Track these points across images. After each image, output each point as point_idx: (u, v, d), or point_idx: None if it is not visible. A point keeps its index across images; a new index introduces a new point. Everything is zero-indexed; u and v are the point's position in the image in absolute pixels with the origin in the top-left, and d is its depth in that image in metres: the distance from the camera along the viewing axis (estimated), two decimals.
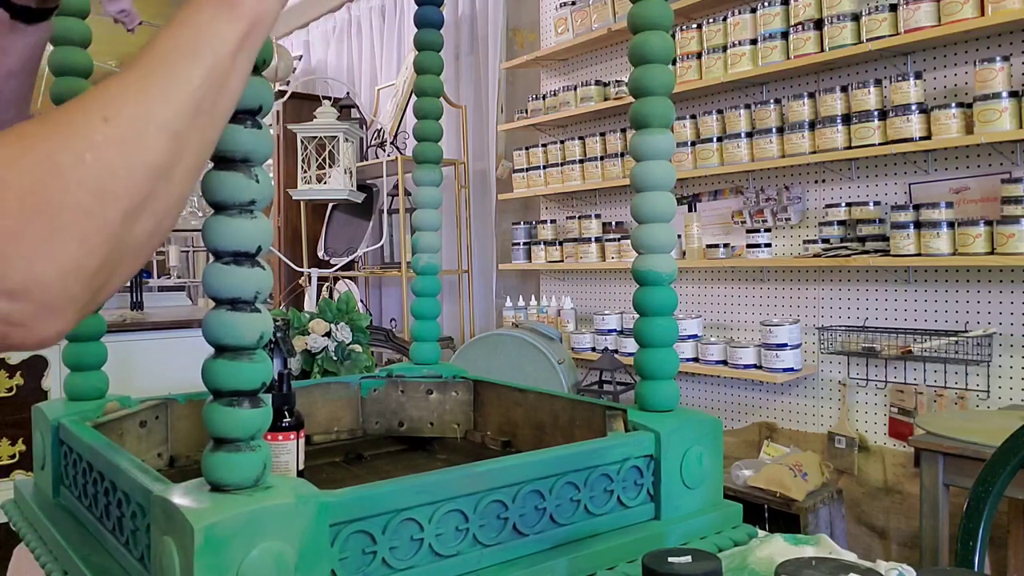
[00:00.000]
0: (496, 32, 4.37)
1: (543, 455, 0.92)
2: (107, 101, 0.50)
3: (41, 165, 0.46)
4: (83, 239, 0.47)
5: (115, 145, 0.49)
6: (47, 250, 0.45)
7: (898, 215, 2.66)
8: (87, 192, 0.47)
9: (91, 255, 0.47)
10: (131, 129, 0.50)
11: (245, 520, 0.68)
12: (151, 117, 0.51)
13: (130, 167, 0.49)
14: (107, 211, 0.48)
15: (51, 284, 0.46)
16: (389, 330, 3.52)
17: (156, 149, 0.51)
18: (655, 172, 1.07)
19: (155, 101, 0.51)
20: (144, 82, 0.52)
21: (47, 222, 0.45)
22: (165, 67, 0.53)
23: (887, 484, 2.85)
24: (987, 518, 1.08)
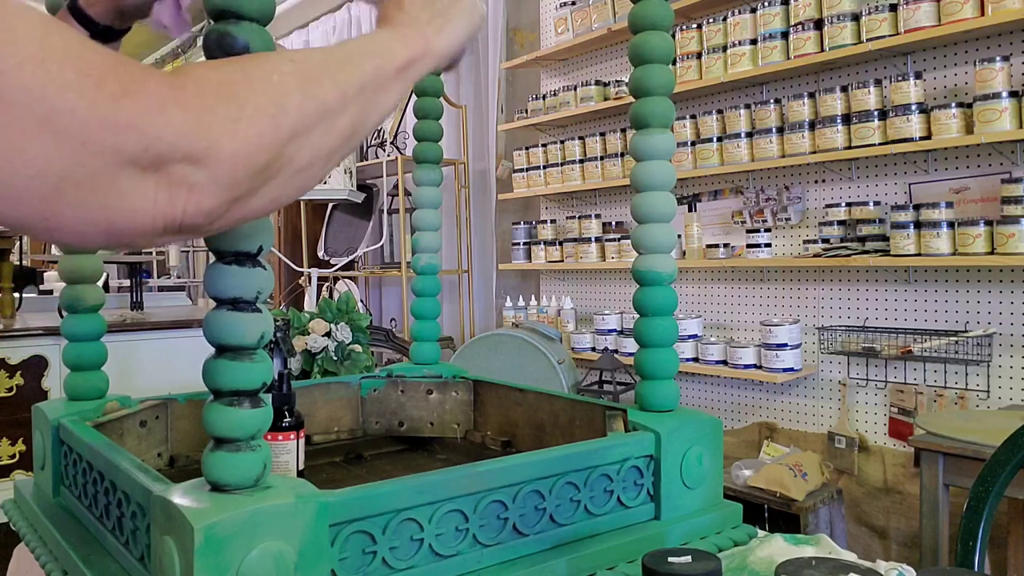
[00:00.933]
0: (496, 32, 4.37)
1: (543, 455, 0.92)
2: (296, 53, 0.61)
3: (238, 72, 0.55)
4: (259, 133, 0.53)
5: (296, 76, 0.58)
6: (231, 129, 0.52)
7: (898, 215, 2.66)
8: (270, 100, 0.55)
9: (261, 150, 0.53)
10: (311, 72, 0.59)
11: (245, 520, 0.68)
12: (327, 71, 0.61)
13: (304, 95, 0.57)
14: (281, 120, 0.55)
15: (226, 159, 0.51)
16: (389, 330, 3.52)
17: (326, 93, 0.59)
18: (655, 172, 1.07)
19: (332, 65, 0.62)
20: (327, 53, 0.64)
21: (235, 108, 0.52)
22: (346, 52, 0.65)
23: (887, 484, 2.85)
24: (987, 518, 1.08)
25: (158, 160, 0.48)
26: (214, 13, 0.68)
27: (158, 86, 0.49)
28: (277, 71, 0.57)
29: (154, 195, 0.49)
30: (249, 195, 0.55)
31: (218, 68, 0.55)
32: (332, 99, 0.60)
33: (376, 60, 0.66)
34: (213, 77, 0.53)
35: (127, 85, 0.47)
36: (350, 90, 0.62)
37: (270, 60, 0.59)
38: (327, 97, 0.59)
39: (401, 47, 0.69)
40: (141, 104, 0.47)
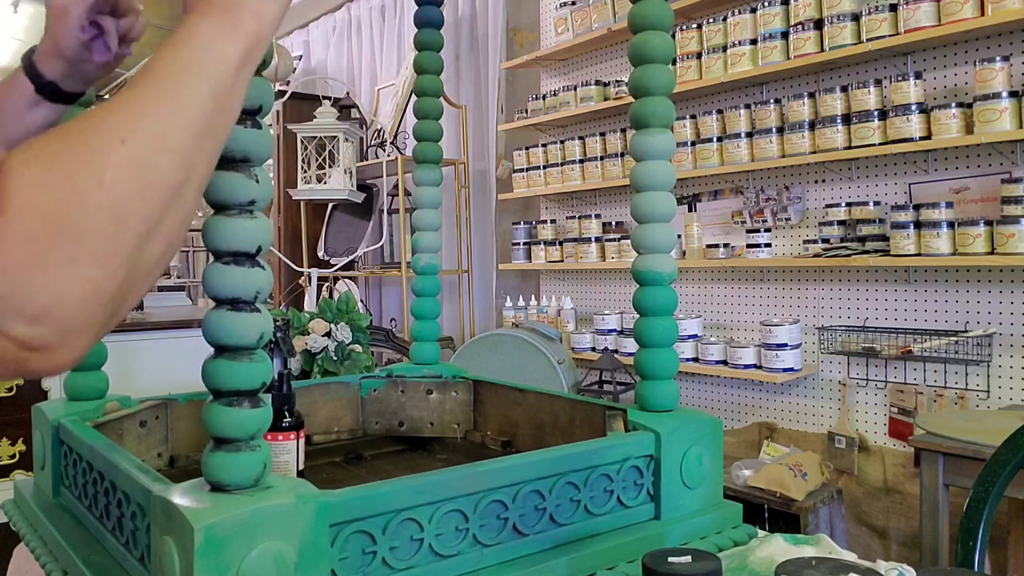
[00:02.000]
0: (496, 32, 4.37)
1: (543, 455, 0.92)
2: (121, 121, 0.51)
3: (62, 187, 0.46)
4: (103, 262, 0.47)
5: (132, 167, 0.49)
6: (69, 274, 0.45)
7: (898, 215, 2.66)
8: (106, 215, 0.47)
9: (110, 278, 0.48)
10: (146, 151, 0.50)
11: (245, 520, 0.68)
12: (164, 139, 0.51)
13: (145, 189, 0.49)
14: (125, 234, 0.48)
15: (73, 308, 0.46)
16: (389, 330, 3.52)
17: (169, 171, 0.51)
18: (655, 172, 1.07)
19: (167, 123, 0.52)
20: (156, 102, 0.52)
21: (70, 246, 0.45)
22: (173, 87, 0.54)
23: (887, 484, 2.85)
24: (987, 518, 1.08)
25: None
26: None
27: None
28: (108, 166, 0.48)
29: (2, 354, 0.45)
30: (112, 319, 0.50)
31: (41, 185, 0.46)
32: (177, 172, 0.52)
33: (210, 80, 0.55)
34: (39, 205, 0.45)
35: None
36: (191, 146, 0.53)
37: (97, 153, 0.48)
38: (170, 175, 0.51)
39: (232, 43, 0.58)
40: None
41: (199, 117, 0.54)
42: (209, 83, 0.55)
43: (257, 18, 0.60)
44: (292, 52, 5.68)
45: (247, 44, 0.58)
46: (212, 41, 0.57)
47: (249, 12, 0.59)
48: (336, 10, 5.75)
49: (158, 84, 0.54)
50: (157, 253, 0.52)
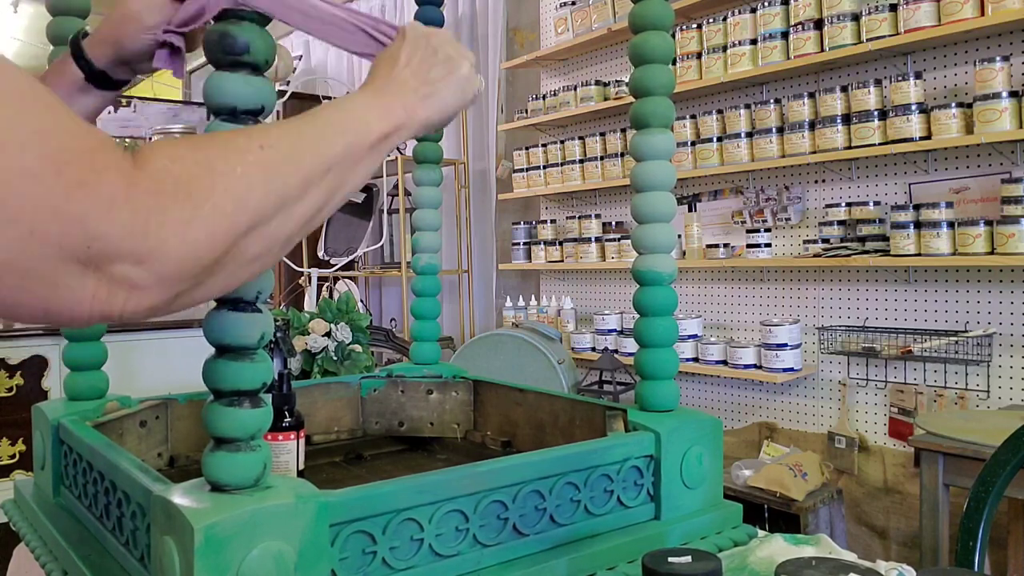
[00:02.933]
0: (496, 32, 4.37)
1: (543, 455, 0.92)
2: (268, 134, 0.60)
3: (200, 165, 0.53)
4: (212, 233, 0.52)
5: (262, 168, 0.57)
6: (183, 231, 0.51)
7: (898, 215, 2.66)
8: (229, 196, 0.54)
9: (212, 249, 0.53)
10: (278, 161, 0.58)
11: (245, 520, 0.68)
12: (295, 158, 0.60)
13: (266, 189, 0.57)
14: (237, 218, 0.54)
15: (173, 261, 0.51)
16: (389, 330, 3.52)
17: (290, 184, 0.59)
18: (655, 172, 1.07)
19: (302, 149, 0.61)
20: (300, 133, 0.62)
21: (190, 208, 0.51)
22: (319, 129, 0.64)
23: (887, 484, 2.85)
24: (987, 518, 1.08)
25: (100, 258, 0.48)
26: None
27: (114, 180, 0.48)
28: (242, 161, 0.56)
29: (93, 291, 0.49)
30: (195, 288, 0.54)
31: (181, 159, 0.53)
32: (295, 188, 0.59)
33: (349, 138, 0.65)
34: (173, 171, 0.52)
35: (85, 176, 0.47)
36: (316, 175, 0.61)
37: (238, 148, 0.57)
38: (290, 187, 0.59)
39: (377, 120, 0.68)
40: (92, 199, 0.47)
41: (327, 158, 0.62)
42: (347, 139, 0.64)
43: (407, 112, 0.71)
44: (292, 52, 5.68)
45: (389, 127, 0.69)
46: (363, 112, 0.68)
47: (402, 105, 0.71)
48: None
49: (308, 123, 0.64)
50: (256, 250, 0.57)
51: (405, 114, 0.71)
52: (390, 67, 0.74)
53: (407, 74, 0.74)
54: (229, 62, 0.68)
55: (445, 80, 0.75)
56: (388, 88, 0.72)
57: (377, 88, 0.72)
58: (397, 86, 0.72)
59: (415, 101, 0.72)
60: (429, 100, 0.74)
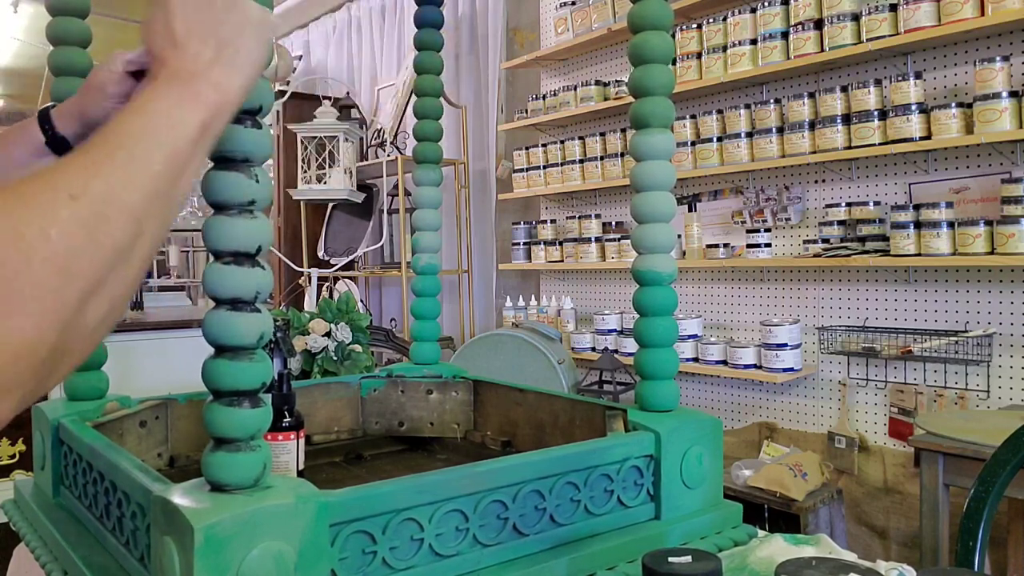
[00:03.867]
0: (496, 32, 4.37)
1: (543, 455, 0.92)
2: (73, 178, 0.50)
3: (7, 237, 0.44)
4: (39, 319, 0.45)
5: (80, 223, 0.48)
6: (3, 328, 0.43)
7: (898, 215, 2.66)
8: (50, 269, 0.45)
9: (44, 337, 0.45)
10: (96, 208, 0.49)
11: (245, 520, 0.68)
12: (115, 198, 0.51)
13: (93, 247, 0.48)
14: (66, 291, 0.46)
15: (2, 366, 0.43)
16: (389, 330, 3.51)
17: (119, 231, 0.50)
18: (655, 172, 1.07)
19: (119, 183, 0.51)
20: (109, 163, 0.52)
21: (7, 299, 0.43)
22: (129, 149, 0.54)
23: (887, 484, 2.85)
24: (987, 518, 1.08)
25: None
26: None
27: None
28: (55, 222, 0.46)
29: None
30: (43, 380, 0.48)
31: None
32: (126, 233, 0.51)
33: (166, 149, 0.55)
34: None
35: None
36: (142, 206, 0.52)
37: (45, 206, 0.47)
38: (120, 236, 0.50)
39: (191, 112, 0.58)
40: None
41: (151, 181, 0.53)
42: (164, 150, 0.55)
43: (219, 89, 0.60)
44: (292, 52, 5.68)
45: (207, 114, 0.59)
46: (172, 109, 0.57)
47: (211, 83, 0.60)
48: (336, 10, 5.75)
49: (112, 144, 0.54)
50: (100, 314, 0.50)
51: (217, 92, 0.60)
52: (170, 42, 0.62)
53: (195, 44, 0.61)
54: None
55: (241, 32, 0.64)
56: (183, 68, 0.60)
57: (170, 73, 0.60)
58: (192, 61, 0.61)
59: (221, 71, 0.61)
60: (234, 63, 0.62)
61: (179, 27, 0.62)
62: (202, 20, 0.62)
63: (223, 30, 0.63)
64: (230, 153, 0.70)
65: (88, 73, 1.21)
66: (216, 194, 0.71)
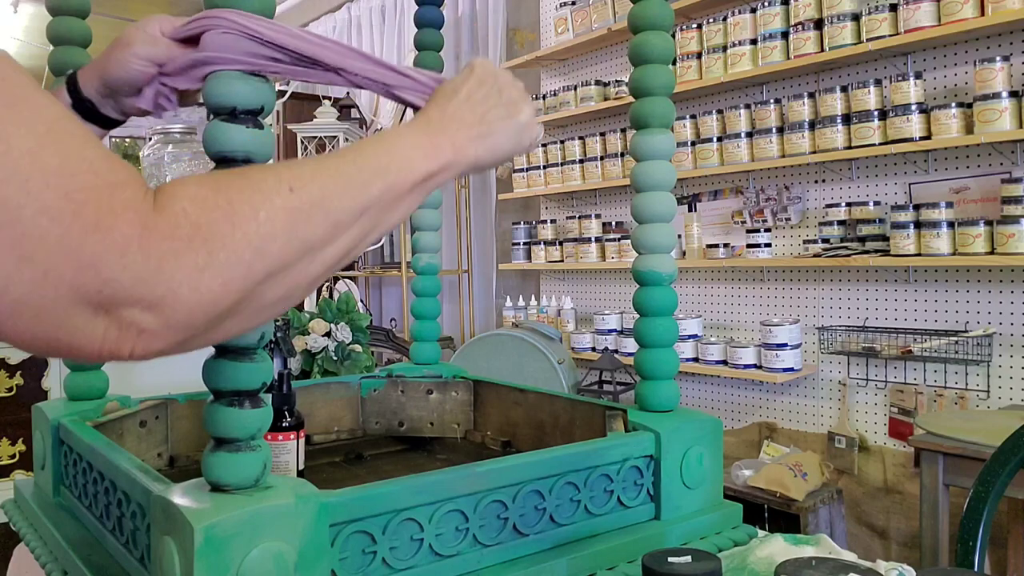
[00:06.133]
0: (496, 32, 4.37)
1: (543, 455, 0.92)
2: (298, 175, 0.56)
3: (221, 208, 0.51)
4: (227, 281, 0.50)
5: (287, 213, 0.54)
6: (196, 279, 0.49)
7: (898, 215, 2.66)
8: (247, 244, 0.51)
9: (226, 297, 0.51)
10: (307, 205, 0.55)
11: (245, 520, 0.68)
12: (326, 202, 0.56)
13: (290, 236, 0.54)
14: (255, 266, 0.52)
15: (184, 309, 0.49)
16: (389, 330, 3.52)
17: (316, 230, 0.56)
18: (655, 172, 1.07)
19: (334, 192, 0.57)
20: (334, 173, 0.58)
21: (205, 256, 0.49)
22: (356, 168, 0.60)
23: (887, 484, 2.85)
24: (987, 518, 1.08)
25: (111, 302, 0.47)
26: None
27: (130, 223, 0.47)
28: (267, 206, 0.53)
29: (103, 334, 0.48)
30: (207, 332, 0.53)
31: (203, 201, 0.50)
32: (322, 234, 0.56)
33: (389, 179, 0.61)
34: (192, 214, 0.49)
35: (101, 218, 0.46)
36: (347, 219, 0.58)
37: (265, 190, 0.54)
38: (316, 233, 0.56)
39: (422, 159, 0.64)
40: (107, 243, 0.46)
41: (363, 201, 0.59)
42: (387, 179, 0.61)
43: (456, 150, 0.67)
44: None
45: (436, 166, 0.65)
46: (409, 149, 0.64)
47: (452, 143, 0.67)
48: (336, 10, 5.75)
49: (345, 159, 0.60)
50: (275, 295, 0.55)
51: (454, 152, 0.66)
52: (448, 99, 0.70)
53: (464, 109, 0.69)
54: None
55: (503, 122, 0.71)
56: (441, 123, 0.68)
57: (429, 121, 0.67)
58: (451, 121, 0.68)
59: (467, 139, 0.68)
60: (483, 140, 0.69)
61: (465, 91, 0.70)
62: (485, 97, 0.71)
63: (493, 113, 0.70)
64: (231, 153, 0.70)
65: None
66: None
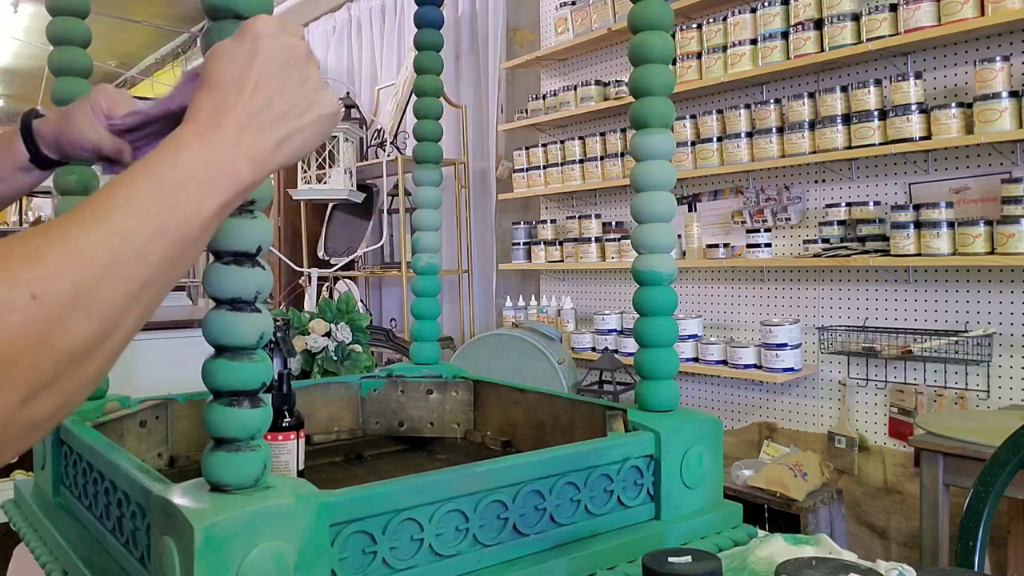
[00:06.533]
0: (496, 32, 4.37)
1: (543, 455, 0.92)
2: (42, 271, 0.42)
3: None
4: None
5: (31, 326, 0.41)
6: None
7: (898, 215, 2.66)
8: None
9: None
10: (56, 313, 0.42)
11: (245, 520, 0.68)
12: (83, 301, 0.43)
13: (39, 353, 0.41)
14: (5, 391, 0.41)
15: None
16: (389, 330, 3.51)
17: (78, 336, 0.43)
18: (655, 172, 1.07)
19: (96, 283, 0.43)
20: (90, 255, 0.43)
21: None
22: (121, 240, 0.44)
23: (887, 484, 2.85)
24: (987, 518, 1.08)
25: None
26: (212, 12, 0.68)
27: None
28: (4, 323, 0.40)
29: None
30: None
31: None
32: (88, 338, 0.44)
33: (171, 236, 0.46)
34: None
35: None
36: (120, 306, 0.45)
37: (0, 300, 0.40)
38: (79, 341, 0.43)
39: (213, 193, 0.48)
40: None
41: (142, 276, 0.45)
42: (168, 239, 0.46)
43: (255, 168, 0.51)
44: None
45: (231, 195, 0.50)
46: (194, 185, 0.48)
47: (250, 159, 0.51)
48: (336, 10, 5.75)
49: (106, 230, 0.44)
50: (47, 409, 0.43)
51: (253, 172, 0.51)
52: (233, 91, 0.52)
53: (256, 105, 0.52)
54: None
55: (309, 116, 0.55)
56: (230, 130, 0.51)
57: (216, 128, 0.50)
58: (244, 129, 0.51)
59: (267, 150, 0.52)
60: (286, 146, 0.54)
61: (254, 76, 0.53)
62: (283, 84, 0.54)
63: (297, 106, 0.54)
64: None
65: (88, 73, 1.21)
66: None
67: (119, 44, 7.23)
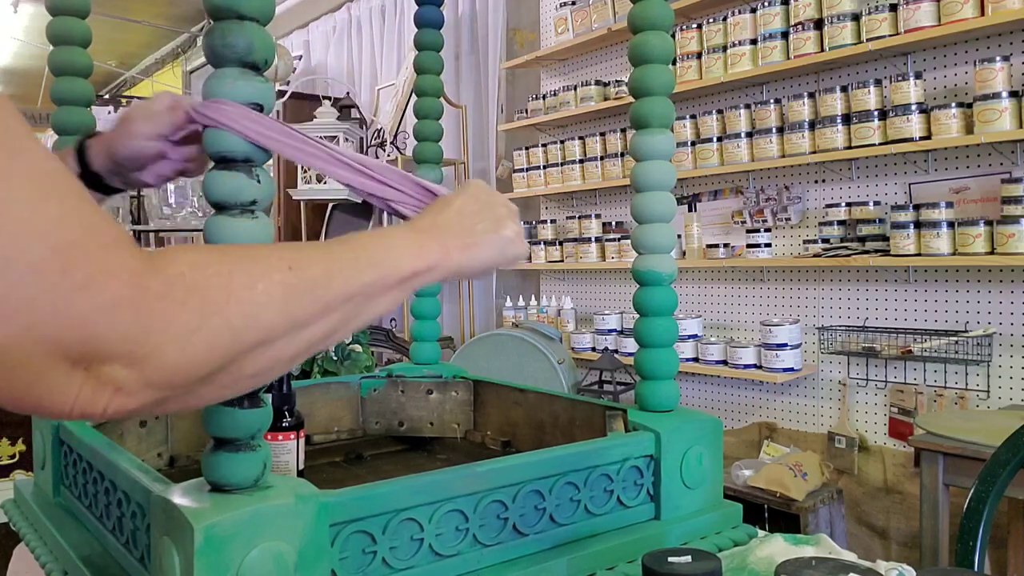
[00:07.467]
0: (496, 32, 4.37)
1: (543, 455, 0.92)
2: (300, 256, 0.59)
3: (221, 275, 0.51)
4: (212, 347, 0.50)
5: (284, 289, 0.55)
6: (184, 339, 0.48)
7: (898, 215, 2.66)
8: (241, 313, 0.52)
9: (209, 362, 0.50)
10: (302, 285, 0.57)
11: (245, 520, 0.68)
12: (321, 284, 0.58)
13: (281, 311, 0.55)
14: (244, 334, 0.52)
15: (166, 368, 0.48)
16: (389, 330, 3.52)
17: (307, 309, 0.57)
18: (655, 172, 1.07)
19: (331, 275, 0.60)
20: (332, 259, 0.61)
21: (198, 318, 0.49)
22: (354, 255, 0.63)
23: (887, 484, 2.85)
24: (987, 518, 1.08)
25: (92, 358, 0.45)
26: (214, 12, 0.68)
27: (122, 282, 0.45)
28: (264, 279, 0.54)
29: (78, 391, 0.46)
30: (183, 396, 0.52)
31: (203, 266, 0.51)
32: (311, 314, 0.58)
33: (380, 270, 0.64)
34: (190, 277, 0.49)
35: (92, 276, 0.44)
36: (336, 303, 0.60)
37: (265, 264, 0.55)
38: (307, 312, 0.57)
39: (411, 257, 0.67)
40: (95, 301, 0.44)
41: (355, 287, 0.61)
42: (378, 271, 0.64)
43: (443, 254, 0.70)
44: (292, 52, 5.68)
45: (422, 265, 0.68)
46: (399, 248, 0.67)
47: (440, 247, 0.70)
48: (336, 10, 5.75)
49: (346, 248, 0.64)
50: (255, 368, 0.55)
51: (440, 256, 0.70)
52: (440, 210, 0.75)
53: (454, 220, 0.74)
54: (229, 61, 0.68)
55: (488, 236, 0.75)
56: (432, 229, 0.72)
57: (421, 227, 0.72)
58: (441, 229, 0.72)
59: (453, 246, 0.72)
60: (468, 250, 0.73)
61: (457, 204, 0.75)
62: (475, 212, 0.75)
63: (480, 226, 0.74)
64: (231, 153, 0.70)
65: (88, 73, 1.21)
66: (217, 194, 0.71)
67: (119, 44, 7.23)
